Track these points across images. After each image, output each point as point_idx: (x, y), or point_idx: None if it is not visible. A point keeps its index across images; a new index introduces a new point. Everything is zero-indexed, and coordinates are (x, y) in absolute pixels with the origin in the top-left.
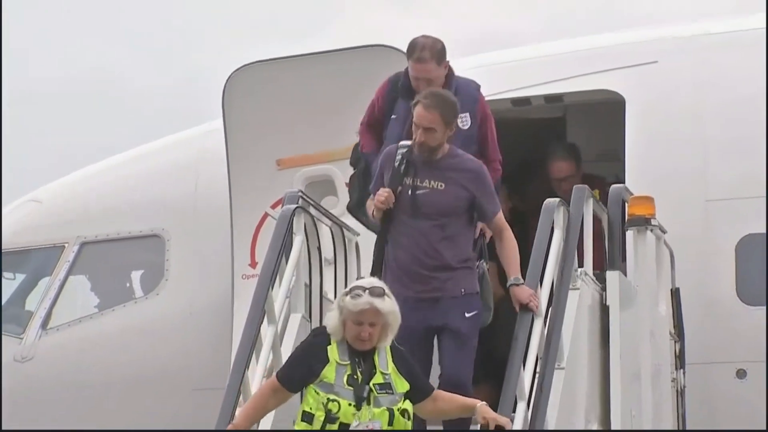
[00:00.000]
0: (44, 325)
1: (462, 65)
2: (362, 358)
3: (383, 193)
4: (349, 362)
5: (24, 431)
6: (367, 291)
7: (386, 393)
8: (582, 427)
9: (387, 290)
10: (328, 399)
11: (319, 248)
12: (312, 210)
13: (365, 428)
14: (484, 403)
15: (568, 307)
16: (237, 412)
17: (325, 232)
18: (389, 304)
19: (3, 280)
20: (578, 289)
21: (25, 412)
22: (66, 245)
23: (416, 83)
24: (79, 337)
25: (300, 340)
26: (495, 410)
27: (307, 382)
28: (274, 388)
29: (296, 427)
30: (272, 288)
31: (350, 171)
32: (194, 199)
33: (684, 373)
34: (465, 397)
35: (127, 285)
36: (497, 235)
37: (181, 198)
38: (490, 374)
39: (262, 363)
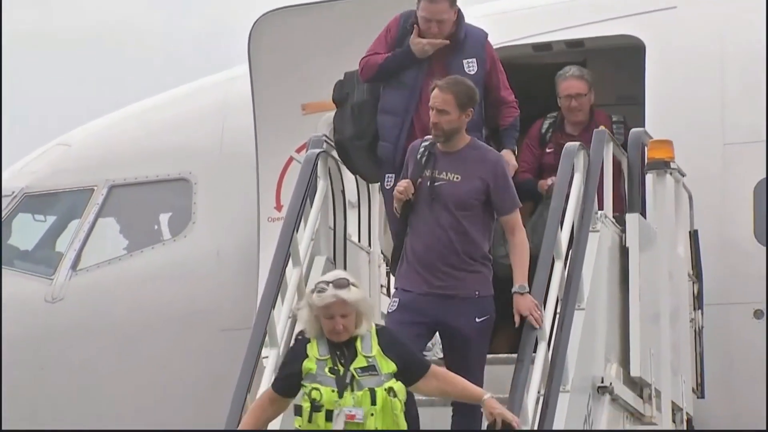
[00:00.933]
0: (74, 266)
1: (485, 11)
2: (344, 348)
3: (402, 183)
4: (328, 356)
5: (24, 431)
6: (330, 284)
7: (369, 375)
8: (602, 367)
9: (352, 280)
10: (311, 388)
11: (343, 191)
12: (336, 154)
13: (346, 416)
14: (490, 395)
15: (588, 249)
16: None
17: (348, 175)
18: (355, 293)
19: (34, 221)
20: (598, 231)
21: (55, 352)
22: (95, 188)
23: (427, 25)
24: (109, 278)
25: None
26: (515, 351)
27: (297, 384)
28: (270, 397)
29: (295, 424)
30: (297, 231)
31: None
32: (220, 143)
33: (702, 313)
34: (472, 384)
35: (155, 227)
36: (510, 232)
37: (207, 142)
38: (509, 316)
39: (287, 305)
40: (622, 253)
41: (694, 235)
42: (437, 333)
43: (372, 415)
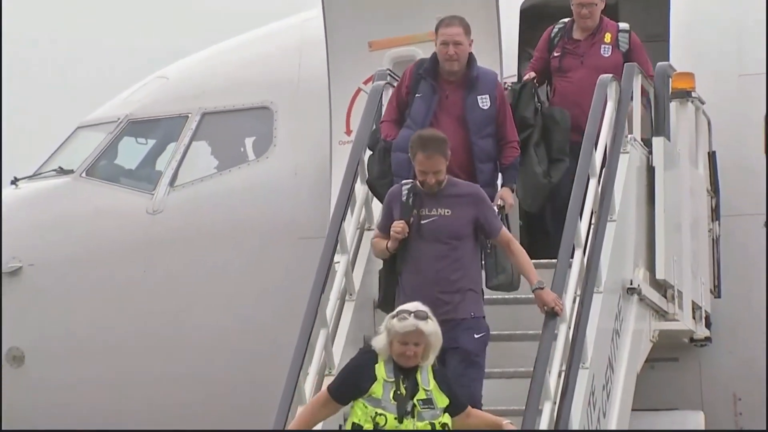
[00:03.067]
0: (171, 182)
1: None
2: (406, 376)
3: (399, 224)
4: (394, 379)
5: (24, 431)
6: (412, 314)
7: (428, 408)
8: (631, 271)
9: (430, 314)
10: (376, 413)
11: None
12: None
13: None
14: (509, 421)
15: (619, 169)
16: (294, 419)
17: None
18: (432, 326)
19: (137, 144)
20: (628, 152)
21: (155, 258)
22: (189, 115)
23: (445, 49)
24: (201, 193)
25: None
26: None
27: (356, 397)
28: (325, 399)
29: None
30: (365, 152)
31: (430, 50)
32: (298, 76)
33: (719, 224)
34: (491, 416)
35: (242, 150)
36: (506, 248)
37: (286, 76)
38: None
39: (355, 216)
40: (649, 171)
41: (712, 156)
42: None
43: None
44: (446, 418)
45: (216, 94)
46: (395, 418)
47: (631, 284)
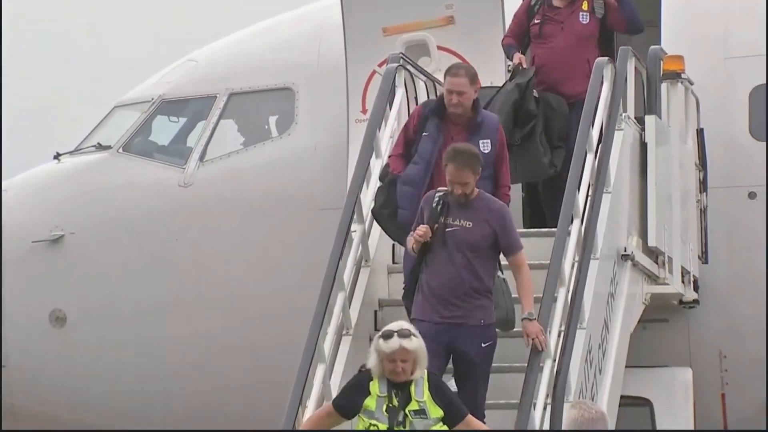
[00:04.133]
0: (201, 158)
1: None
2: (400, 389)
3: (422, 229)
4: (386, 394)
5: (24, 431)
6: (395, 333)
7: (420, 418)
8: (625, 239)
9: (413, 330)
10: (370, 424)
11: (416, 98)
12: (410, 68)
13: None
14: None
15: (614, 144)
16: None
17: (420, 85)
18: (415, 343)
19: (169, 122)
20: (623, 129)
21: (186, 227)
22: (217, 95)
23: (449, 97)
24: (229, 167)
25: None
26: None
27: (355, 410)
28: (329, 411)
29: None
30: (380, 130)
31: (443, 36)
32: (317, 60)
33: (706, 195)
34: (483, 424)
35: (266, 127)
36: (516, 270)
37: (307, 59)
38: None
39: (371, 188)
40: (641, 147)
41: (700, 133)
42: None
43: None
44: (440, 427)
45: (242, 76)
46: (387, 428)
47: (625, 251)
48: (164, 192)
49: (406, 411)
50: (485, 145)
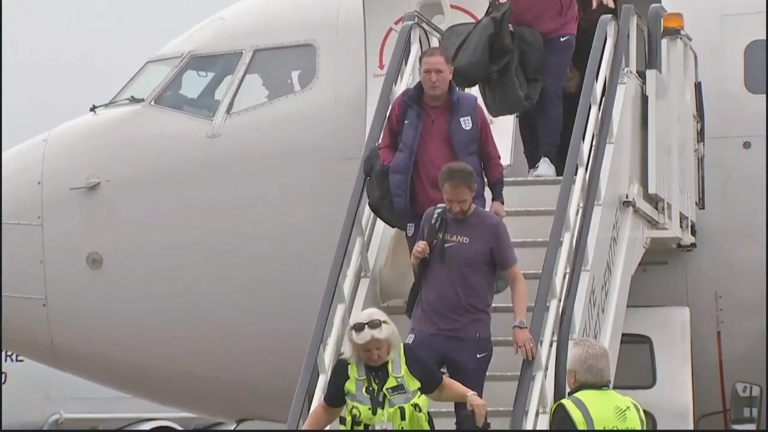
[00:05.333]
0: (228, 110)
1: None
2: (378, 370)
3: (420, 245)
4: (365, 377)
5: (25, 431)
6: (366, 325)
7: (399, 393)
8: (626, 186)
9: (383, 318)
10: (352, 406)
11: None
12: (425, 26)
13: (379, 429)
14: (474, 393)
15: (617, 98)
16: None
17: (434, 42)
18: (386, 330)
19: (198, 76)
20: (625, 83)
21: (213, 176)
22: (243, 52)
23: (428, 76)
24: (254, 119)
25: None
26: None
27: (342, 398)
28: (323, 407)
29: (340, 428)
30: (395, 84)
31: None
32: (337, 17)
33: (703, 145)
34: (462, 387)
35: (289, 82)
36: (512, 282)
37: (328, 17)
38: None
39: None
40: (642, 100)
41: (698, 86)
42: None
43: (402, 428)
44: (419, 399)
45: (266, 33)
46: (368, 409)
47: (627, 198)
48: (193, 143)
49: (385, 390)
50: (466, 123)
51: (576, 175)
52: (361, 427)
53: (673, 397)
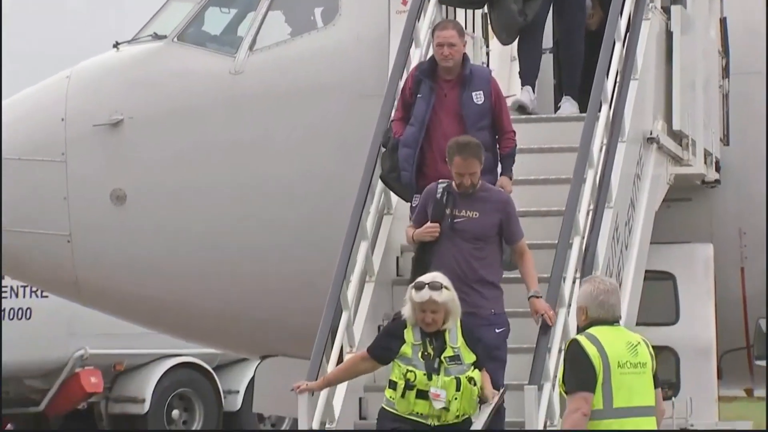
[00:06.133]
0: (251, 47)
1: None
2: (434, 337)
3: (431, 227)
4: (421, 342)
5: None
6: (427, 285)
7: (455, 364)
8: (651, 123)
9: (446, 283)
10: (407, 370)
11: None
12: None
13: (432, 395)
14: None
15: (641, 34)
16: (330, 369)
17: None
18: (446, 295)
19: (221, 13)
20: (649, 19)
21: (237, 112)
22: None
23: (440, 50)
24: (277, 56)
25: None
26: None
27: (390, 357)
28: (364, 357)
29: (385, 393)
30: (418, 20)
31: None
32: None
33: (728, 81)
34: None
35: (311, 18)
36: (519, 256)
37: None
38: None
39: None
40: (667, 36)
41: (723, 21)
42: None
43: (456, 399)
44: (474, 373)
45: None
46: (424, 374)
47: (651, 134)
48: (215, 79)
49: (442, 357)
50: (478, 97)
51: (600, 111)
52: (413, 392)
53: (696, 334)
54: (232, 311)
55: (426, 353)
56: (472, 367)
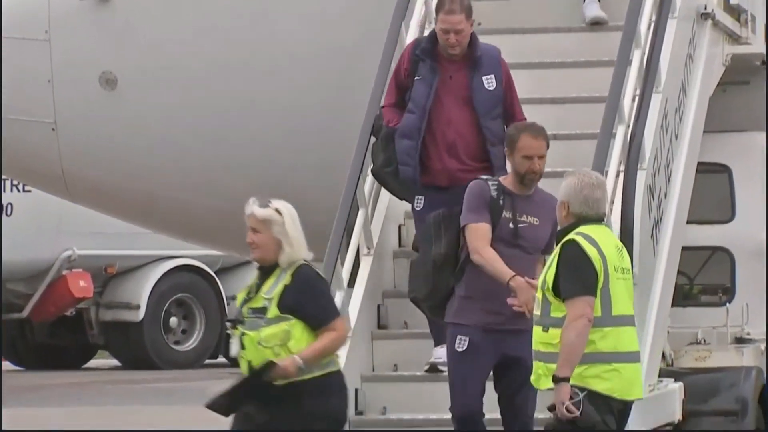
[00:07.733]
0: None
1: None
2: (263, 281)
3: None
4: (252, 284)
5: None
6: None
7: (256, 317)
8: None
9: (277, 206)
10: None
11: None
12: None
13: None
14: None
15: None
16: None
17: None
18: (269, 213)
19: None
20: None
21: None
22: None
23: (446, 37)
24: None
25: None
26: None
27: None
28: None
29: None
30: None
31: None
32: None
33: None
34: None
35: None
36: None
37: None
38: None
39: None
40: None
41: None
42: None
43: (242, 358)
44: (268, 332)
45: None
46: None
47: (705, 9)
48: None
49: (244, 308)
50: (489, 82)
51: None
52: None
53: (754, 233)
54: (235, 207)
55: (245, 298)
56: (281, 323)
